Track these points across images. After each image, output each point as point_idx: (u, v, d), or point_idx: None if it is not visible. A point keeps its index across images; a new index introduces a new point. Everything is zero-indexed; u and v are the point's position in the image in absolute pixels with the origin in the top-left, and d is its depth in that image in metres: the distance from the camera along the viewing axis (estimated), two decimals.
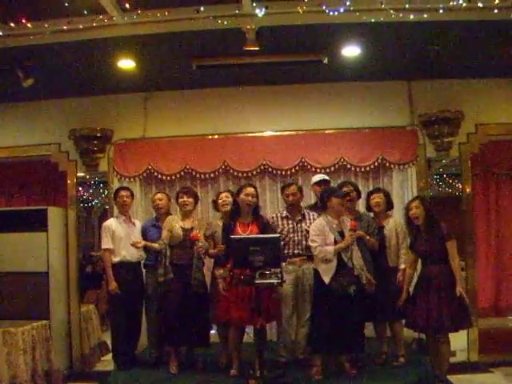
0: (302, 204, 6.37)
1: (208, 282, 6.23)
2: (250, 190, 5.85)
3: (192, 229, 6.03)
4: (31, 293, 6.73)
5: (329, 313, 5.42)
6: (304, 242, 5.93)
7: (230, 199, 6.16)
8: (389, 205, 6.29)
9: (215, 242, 6.11)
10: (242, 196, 5.82)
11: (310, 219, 6.05)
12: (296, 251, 5.97)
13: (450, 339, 5.50)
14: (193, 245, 5.89)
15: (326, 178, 6.61)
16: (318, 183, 6.46)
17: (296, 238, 6.00)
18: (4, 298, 6.72)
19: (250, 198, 5.80)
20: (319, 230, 5.56)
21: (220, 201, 6.28)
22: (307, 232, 5.85)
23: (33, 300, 6.70)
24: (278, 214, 6.23)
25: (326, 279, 5.44)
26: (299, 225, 6.05)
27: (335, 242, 5.49)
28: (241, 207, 5.85)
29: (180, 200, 6.17)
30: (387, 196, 6.30)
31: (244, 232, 5.70)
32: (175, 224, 6.06)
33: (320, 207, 5.85)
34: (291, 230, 6.03)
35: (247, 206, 5.81)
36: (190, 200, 6.18)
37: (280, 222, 6.09)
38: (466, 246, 6.99)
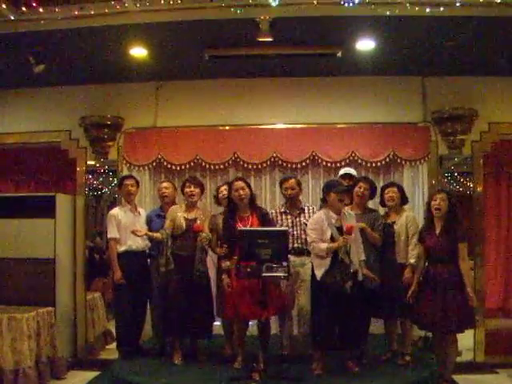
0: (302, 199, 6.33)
1: (211, 274, 6.20)
2: (238, 184, 5.73)
3: (195, 219, 5.97)
4: (37, 279, 6.71)
5: (326, 309, 5.37)
6: (304, 236, 5.87)
7: None
8: (403, 199, 6.19)
9: (218, 235, 6.06)
10: (232, 193, 5.75)
11: (309, 213, 6.02)
12: (296, 245, 5.91)
13: (457, 339, 5.46)
14: (195, 236, 5.85)
15: (352, 171, 6.58)
16: (343, 177, 6.43)
17: (295, 232, 5.95)
18: (10, 283, 6.71)
19: (240, 191, 5.68)
20: (317, 224, 5.46)
21: (220, 195, 6.24)
22: (306, 226, 5.80)
23: (39, 286, 6.68)
24: (277, 210, 6.20)
25: (318, 274, 5.37)
26: (298, 219, 6.01)
27: (332, 238, 5.39)
28: (236, 203, 5.77)
29: (186, 189, 6.08)
30: (401, 190, 6.18)
31: (244, 226, 5.61)
32: (178, 214, 6.00)
33: (321, 201, 5.77)
34: (290, 225, 5.98)
35: (240, 201, 5.72)
36: (197, 190, 6.10)
37: (279, 218, 6.06)
38: (475, 246, 6.91)
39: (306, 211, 6.07)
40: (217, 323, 6.35)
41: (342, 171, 6.64)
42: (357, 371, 5.51)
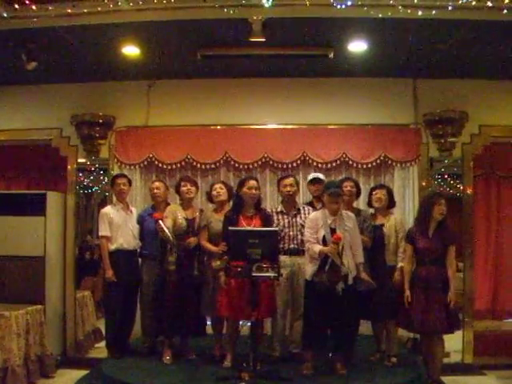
0: (297, 200, 6.34)
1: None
2: (253, 182, 5.78)
3: (194, 219, 6.01)
4: (27, 277, 6.69)
5: (316, 309, 5.39)
6: (299, 237, 5.88)
7: (224, 190, 6.10)
8: (391, 203, 6.22)
9: (209, 234, 6.05)
10: (244, 189, 5.73)
11: (305, 213, 6.00)
12: (292, 246, 5.91)
13: (444, 340, 5.50)
14: (195, 235, 5.90)
15: (320, 176, 6.51)
16: (312, 182, 6.44)
17: (291, 232, 5.93)
18: None
19: (253, 190, 5.72)
20: (311, 223, 5.52)
21: (214, 192, 6.20)
22: (302, 226, 5.82)
23: (28, 284, 6.66)
24: (273, 210, 6.18)
25: (308, 274, 5.44)
26: (294, 219, 5.99)
27: (324, 239, 5.41)
28: (244, 200, 5.78)
29: (183, 188, 6.10)
30: (390, 193, 6.22)
31: (248, 225, 5.63)
32: (178, 214, 6.00)
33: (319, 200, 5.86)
34: (286, 225, 5.97)
35: (251, 200, 5.75)
36: (193, 188, 6.15)
37: (275, 217, 6.03)
38: (464, 248, 6.96)
39: (302, 212, 6.06)
40: (208, 322, 6.33)
41: (310, 176, 6.59)
42: (343, 374, 5.48)
